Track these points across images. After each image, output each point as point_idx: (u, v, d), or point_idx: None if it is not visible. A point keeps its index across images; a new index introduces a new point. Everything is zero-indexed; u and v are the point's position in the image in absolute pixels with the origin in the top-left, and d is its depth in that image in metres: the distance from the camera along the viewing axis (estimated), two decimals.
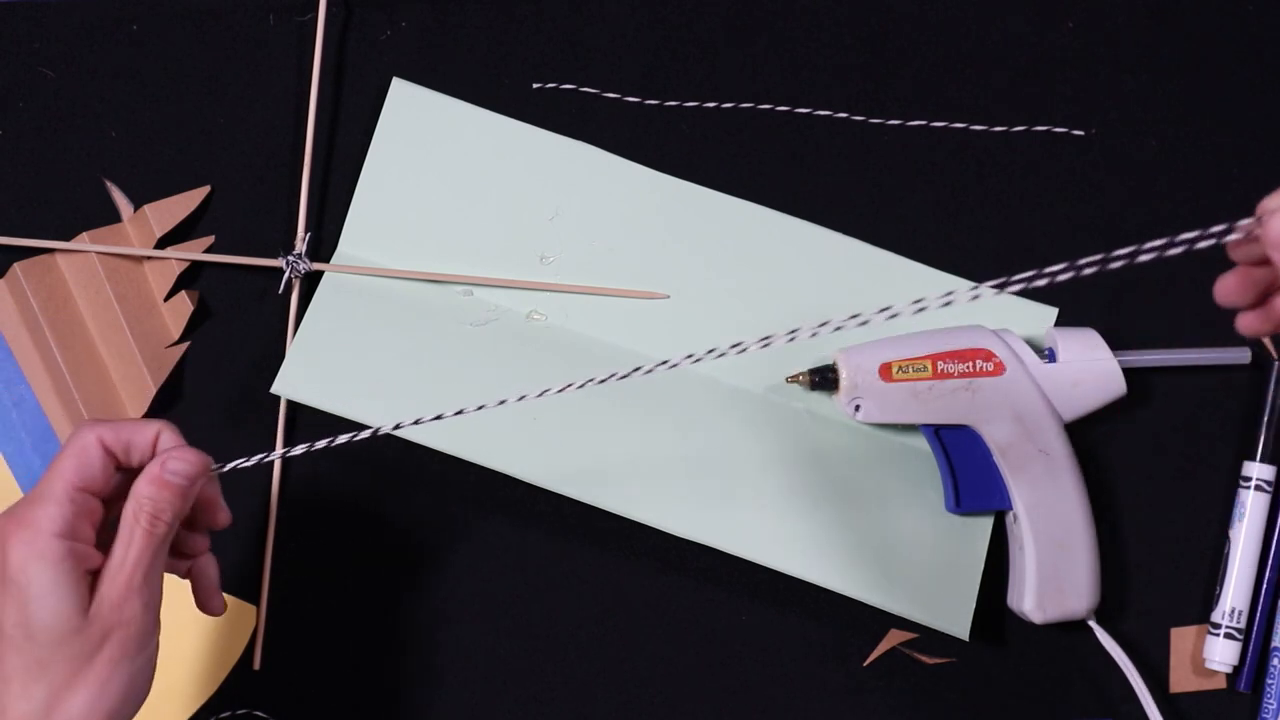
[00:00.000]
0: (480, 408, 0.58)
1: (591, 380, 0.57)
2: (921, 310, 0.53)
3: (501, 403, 0.58)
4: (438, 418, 0.58)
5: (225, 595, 0.71)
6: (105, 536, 0.56)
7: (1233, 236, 0.51)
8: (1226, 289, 0.55)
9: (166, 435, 0.57)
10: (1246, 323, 0.56)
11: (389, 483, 0.72)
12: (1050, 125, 0.75)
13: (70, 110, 0.73)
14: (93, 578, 0.55)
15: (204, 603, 0.61)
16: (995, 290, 0.53)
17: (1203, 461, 0.74)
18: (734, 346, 0.56)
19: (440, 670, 0.71)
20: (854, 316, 0.54)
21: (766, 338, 0.55)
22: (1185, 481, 0.74)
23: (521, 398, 0.58)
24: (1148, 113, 0.76)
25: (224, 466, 0.59)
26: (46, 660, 0.53)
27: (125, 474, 0.57)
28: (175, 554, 0.60)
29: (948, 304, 0.53)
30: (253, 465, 0.58)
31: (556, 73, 0.75)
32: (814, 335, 0.54)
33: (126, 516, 0.55)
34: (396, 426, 0.59)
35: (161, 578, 0.56)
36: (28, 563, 0.53)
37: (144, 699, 0.57)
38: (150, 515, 0.55)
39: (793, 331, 0.55)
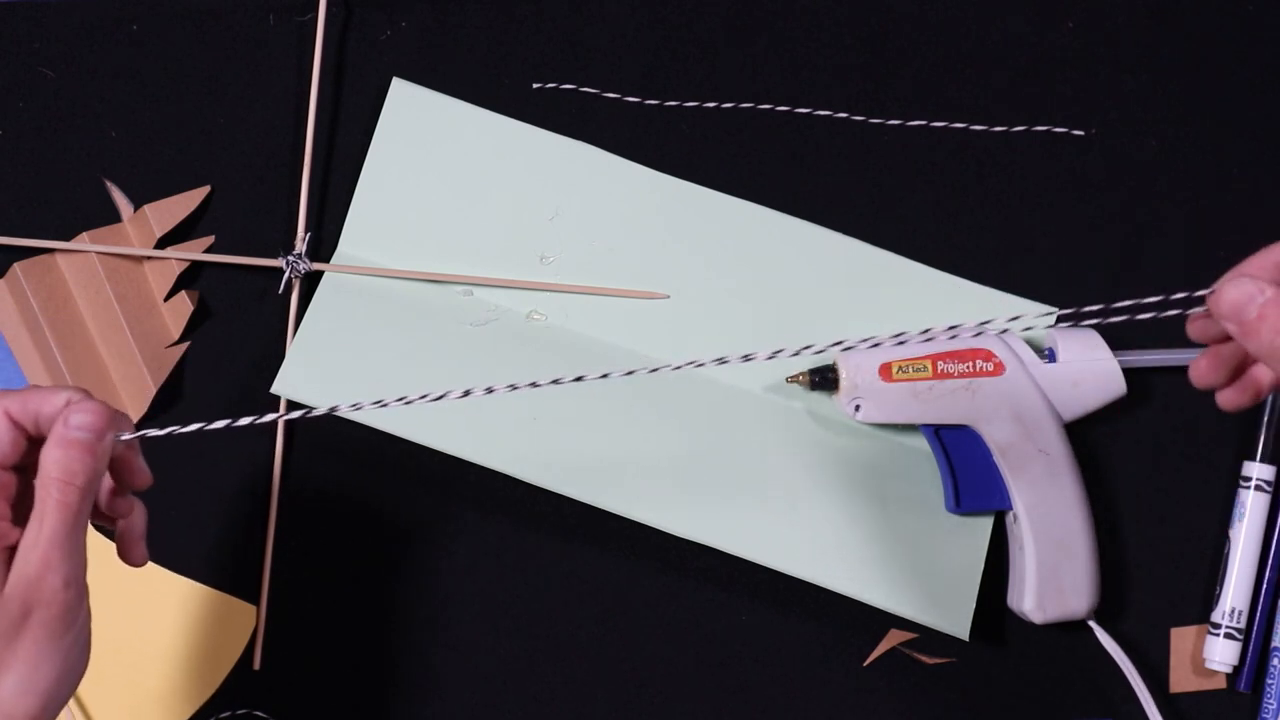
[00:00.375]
0: (440, 397, 0.55)
1: (582, 378, 0.55)
2: (985, 328, 0.53)
3: (493, 392, 0.55)
4: (403, 401, 0.55)
5: (226, 595, 0.71)
6: (25, 510, 0.53)
7: (1175, 312, 0.53)
8: (1200, 373, 0.55)
9: (76, 400, 0.54)
10: (1225, 399, 0.56)
11: (389, 483, 0.72)
12: (1050, 125, 0.75)
13: (70, 110, 0.73)
14: (11, 554, 0.52)
15: (125, 553, 0.58)
16: (1062, 322, 0.53)
17: (1203, 461, 0.74)
18: (762, 355, 0.55)
19: (440, 670, 0.71)
20: (924, 331, 0.54)
21: (832, 343, 0.54)
22: (1185, 481, 0.74)
23: (488, 390, 0.55)
24: (1148, 113, 0.76)
25: (134, 435, 0.55)
26: None
27: (39, 445, 0.54)
28: (101, 518, 0.57)
29: (1007, 328, 0.53)
30: (164, 435, 0.55)
31: (556, 73, 0.75)
32: (847, 347, 0.54)
33: (37, 489, 0.52)
34: (355, 407, 0.56)
35: (83, 549, 0.53)
36: None
37: (81, 676, 0.54)
38: (60, 482, 0.52)
39: (851, 342, 0.55)
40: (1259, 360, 0.53)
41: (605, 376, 0.56)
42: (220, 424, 0.55)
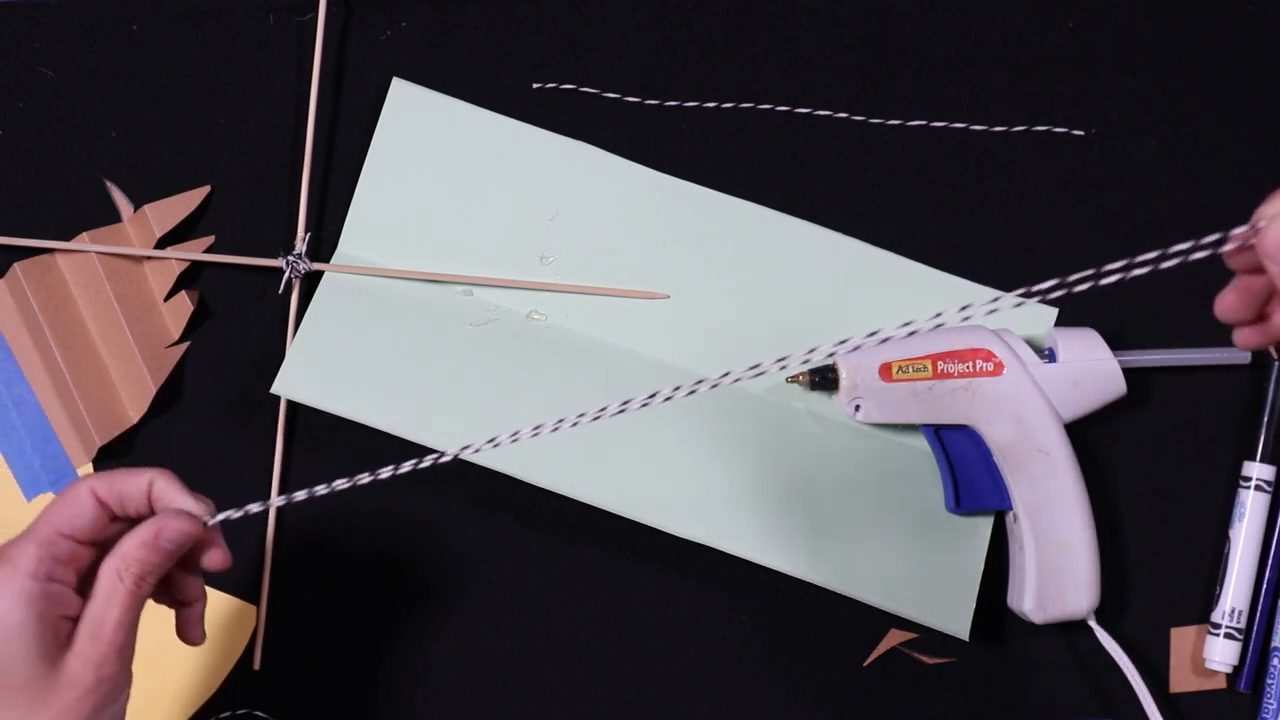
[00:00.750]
0: (574, 421, 0.56)
1: (674, 393, 0.55)
2: (967, 319, 0.53)
3: (580, 422, 0.56)
4: (515, 436, 0.56)
5: (226, 595, 0.71)
6: (88, 581, 0.56)
7: (1229, 246, 0.51)
8: (1227, 305, 0.55)
9: (160, 484, 0.56)
10: (1243, 337, 0.56)
11: (389, 483, 0.72)
12: (1050, 125, 0.75)
13: (70, 110, 0.73)
14: (70, 623, 0.54)
15: (184, 634, 0.60)
16: (1019, 301, 0.53)
17: (1203, 461, 0.74)
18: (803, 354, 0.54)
19: (440, 670, 0.71)
20: (906, 324, 0.53)
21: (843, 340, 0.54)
22: (1185, 481, 0.74)
23: (577, 416, 0.56)
24: (1148, 113, 0.76)
25: (217, 517, 0.57)
26: (10, 703, 0.53)
27: (121, 522, 0.57)
28: (165, 596, 0.59)
29: (967, 318, 0.52)
30: (258, 512, 0.57)
31: (556, 73, 0.75)
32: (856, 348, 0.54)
33: (108, 572, 0.54)
34: (465, 448, 0.57)
35: (137, 627, 0.56)
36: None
37: None
38: (136, 577, 0.54)
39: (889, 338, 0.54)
40: None
41: (697, 387, 0.55)
42: (343, 484, 0.58)
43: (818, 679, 0.72)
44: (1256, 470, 0.72)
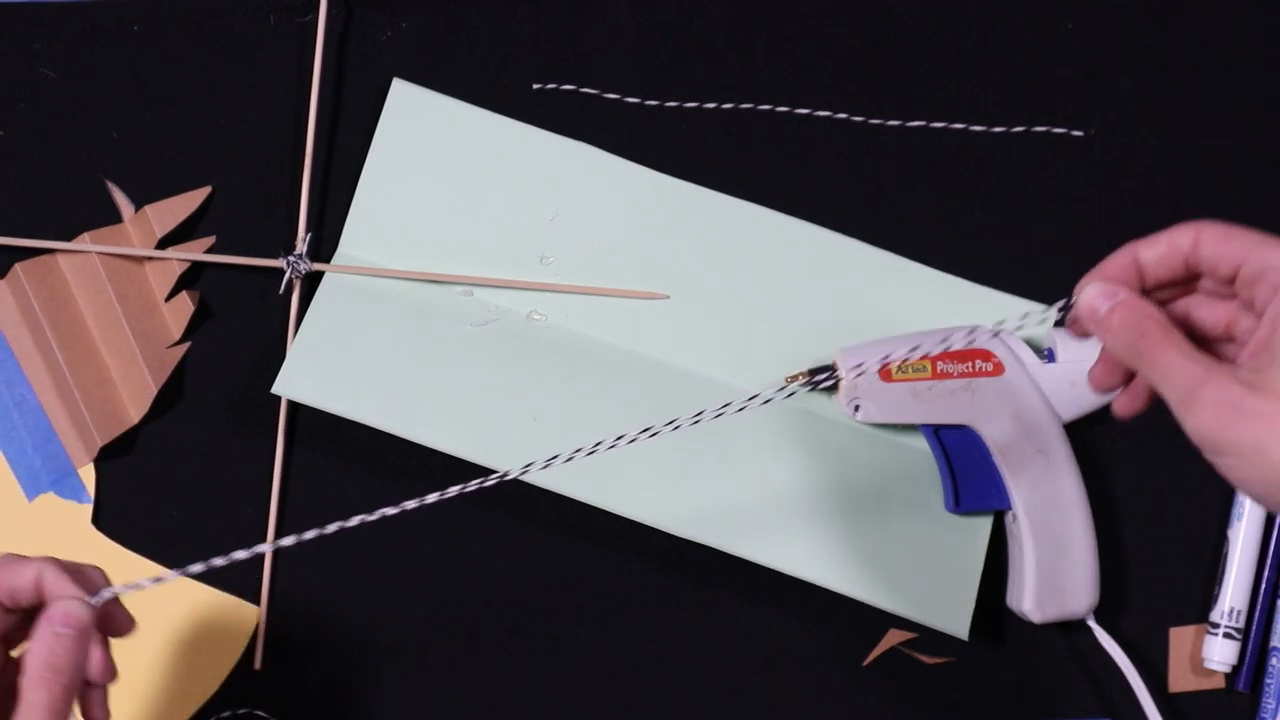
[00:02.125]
0: (615, 445, 0.58)
1: (725, 408, 0.57)
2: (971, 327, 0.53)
3: (610, 440, 0.58)
4: (573, 456, 0.58)
5: (227, 595, 0.71)
6: (10, 675, 0.55)
7: (1054, 317, 0.53)
8: (1096, 378, 0.55)
9: (49, 574, 0.54)
10: (1120, 405, 0.56)
11: (389, 482, 0.72)
12: (1050, 125, 0.75)
13: (71, 110, 0.73)
14: None
15: (87, 712, 0.57)
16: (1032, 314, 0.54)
17: (1202, 461, 0.73)
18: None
19: (440, 670, 0.71)
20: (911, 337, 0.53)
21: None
22: (1185, 481, 0.74)
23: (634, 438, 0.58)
24: (1148, 113, 0.76)
25: (112, 592, 0.55)
26: None
27: (19, 614, 0.55)
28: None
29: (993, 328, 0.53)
30: (152, 583, 0.56)
31: (556, 73, 0.75)
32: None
33: (23, 687, 0.53)
34: (525, 469, 0.59)
35: None
36: None
37: None
38: (46, 679, 0.53)
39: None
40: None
41: (761, 398, 0.57)
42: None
43: (818, 679, 0.72)
44: None
